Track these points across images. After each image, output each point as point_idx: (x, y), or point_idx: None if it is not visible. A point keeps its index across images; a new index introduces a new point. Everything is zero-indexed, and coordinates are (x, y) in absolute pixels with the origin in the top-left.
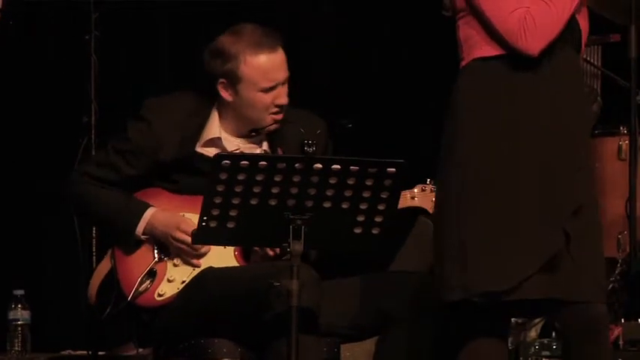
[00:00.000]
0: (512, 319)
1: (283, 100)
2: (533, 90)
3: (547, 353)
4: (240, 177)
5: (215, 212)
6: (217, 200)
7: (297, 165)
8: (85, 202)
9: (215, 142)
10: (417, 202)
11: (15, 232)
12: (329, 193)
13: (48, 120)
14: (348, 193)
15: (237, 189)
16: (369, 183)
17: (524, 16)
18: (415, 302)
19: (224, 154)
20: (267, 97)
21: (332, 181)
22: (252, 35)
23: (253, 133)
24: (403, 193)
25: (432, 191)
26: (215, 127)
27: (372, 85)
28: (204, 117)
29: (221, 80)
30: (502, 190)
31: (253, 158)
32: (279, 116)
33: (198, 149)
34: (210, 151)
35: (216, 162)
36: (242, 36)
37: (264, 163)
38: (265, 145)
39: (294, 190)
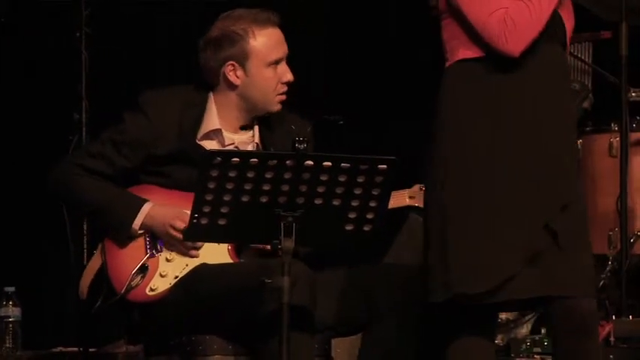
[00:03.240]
0: (504, 316)
1: (289, 76)
2: (516, 89)
3: (538, 350)
4: (232, 174)
5: (206, 209)
6: (208, 197)
7: (288, 162)
8: (77, 193)
9: (215, 134)
10: (414, 202)
11: (6, 229)
12: (320, 189)
13: (39, 117)
14: (339, 190)
15: (229, 186)
16: (360, 180)
17: (503, 17)
18: (402, 295)
19: (215, 151)
20: (274, 75)
21: (323, 177)
22: (252, 13)
23: (242, 131)
24: (401, 191)
25: None
26: (214, 119)
27: (364, 81)
28: (201, 109)
29: (229, 64)
30: (483, 189)
31: (244, 155)
32: (284, 97)
33: (198, 141)
34: (209, 144)
35: (207, 159)
36: (241, 16)
37: (255, 160)
38: (257, 139)
39: (285, 187)
